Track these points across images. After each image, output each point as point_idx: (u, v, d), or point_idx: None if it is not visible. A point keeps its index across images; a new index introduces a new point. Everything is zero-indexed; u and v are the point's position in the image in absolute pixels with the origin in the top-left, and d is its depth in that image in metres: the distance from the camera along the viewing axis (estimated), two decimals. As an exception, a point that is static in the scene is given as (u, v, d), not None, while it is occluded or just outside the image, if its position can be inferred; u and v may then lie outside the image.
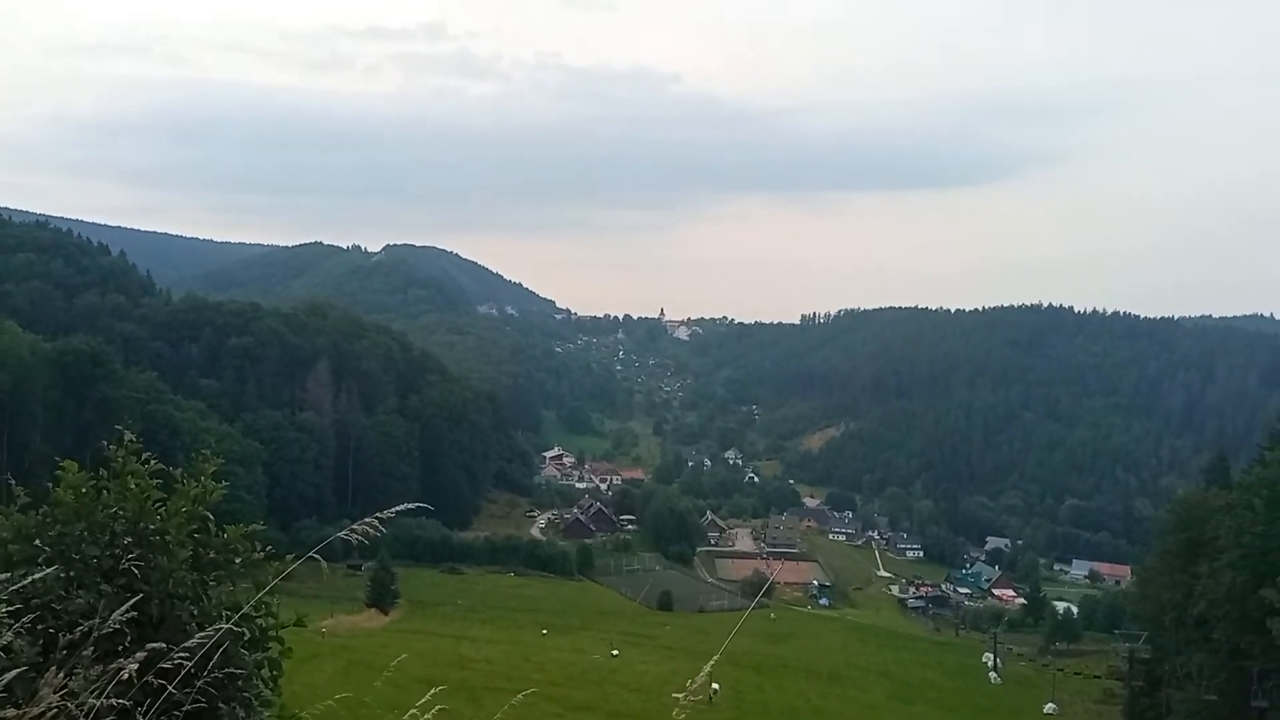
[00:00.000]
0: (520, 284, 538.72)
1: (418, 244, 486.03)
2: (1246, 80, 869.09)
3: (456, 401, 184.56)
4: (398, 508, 5.00)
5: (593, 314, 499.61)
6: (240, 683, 5.50)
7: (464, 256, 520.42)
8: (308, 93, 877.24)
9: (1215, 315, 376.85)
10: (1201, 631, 60.05)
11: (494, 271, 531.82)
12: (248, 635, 5.54)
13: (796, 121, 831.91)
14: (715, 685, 49.63)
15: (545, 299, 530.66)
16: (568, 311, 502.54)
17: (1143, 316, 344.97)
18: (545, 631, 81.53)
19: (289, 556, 5.70)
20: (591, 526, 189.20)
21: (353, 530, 4.88)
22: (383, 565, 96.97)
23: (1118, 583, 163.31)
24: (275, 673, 5.71)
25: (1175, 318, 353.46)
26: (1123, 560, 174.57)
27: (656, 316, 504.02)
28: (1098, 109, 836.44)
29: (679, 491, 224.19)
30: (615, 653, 67.81)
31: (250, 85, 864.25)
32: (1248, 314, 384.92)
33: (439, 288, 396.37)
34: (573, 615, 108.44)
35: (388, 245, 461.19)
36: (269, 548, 5.72)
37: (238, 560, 5.68)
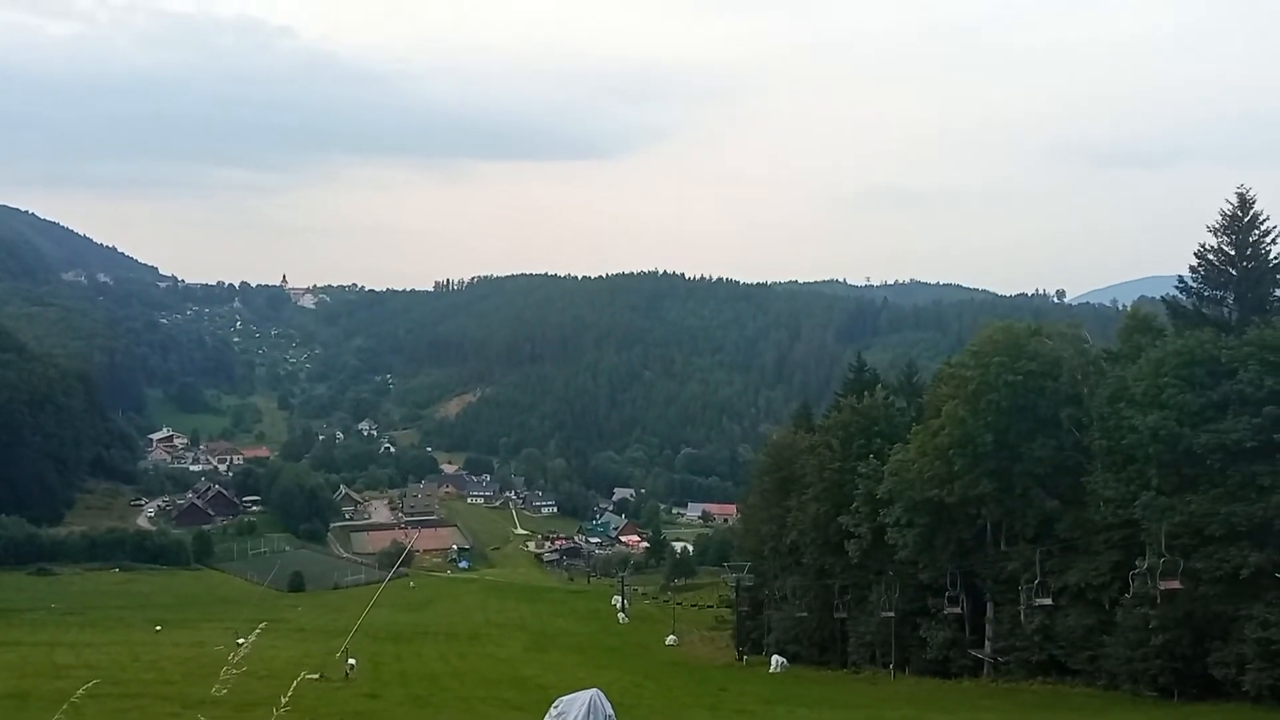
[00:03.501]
0: (114, 248, 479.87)
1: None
2: (828, 76, 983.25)
3: (38, 382, 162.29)
4: None
5: (204, 281, 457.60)
6: None
7: (42, 217, 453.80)
8: None
9: (800, 280, 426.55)
10: (794, 557, 68.22)
11: (81, 234, 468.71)
12: None
13: (423, 86, 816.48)
14: (352, 661, 48.33)
15: (146, 265, 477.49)
16: (173, 278, 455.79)
17: (741, 282, 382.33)
18: (159, 628, 74.64)
19: None
20: (210, 511, 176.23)
21: None
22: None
23: (726, 521, 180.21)
24: None
25: (768, 283, 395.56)
26: (730, 500, 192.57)
27: (279, 284, 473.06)
28: (703, 92, 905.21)
29: (309, 467, 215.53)
30: (241, 641, 63.75)
31: None
32: (827, 279, 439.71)
33: (10, 251, 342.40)
34: (190, 608, 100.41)
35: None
36: None
37: None
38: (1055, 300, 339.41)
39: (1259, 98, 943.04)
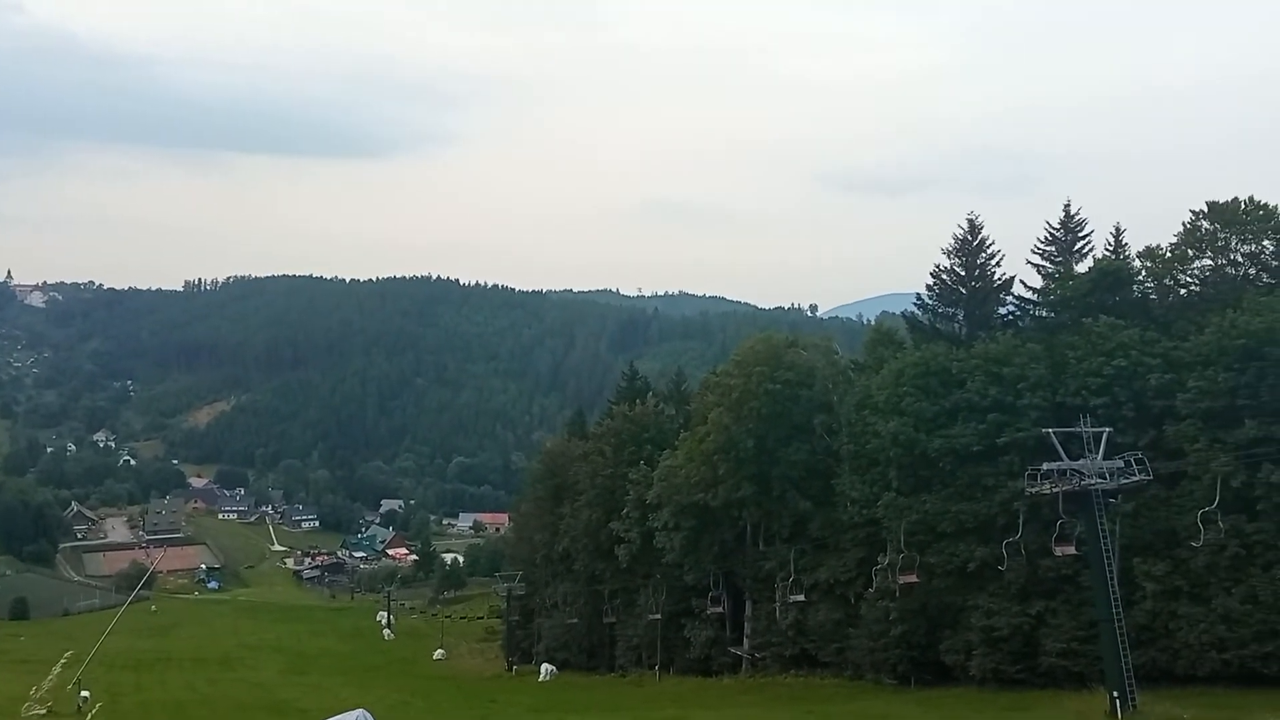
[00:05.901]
0: None
1: None
2: (600, 90, 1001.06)
3: None
4: None
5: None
6: None
7: None
8: None
9: (575, 289, 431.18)
10: (565, 564, 68.68)
11: None
12: None
13: (173, 73, 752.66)
14: (85, 693, 44.18)
15: None
16: None
17: (517, 289, 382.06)
18: None
19: None
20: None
21: None
22: None
23: (498, 530, 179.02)
24: None
25: (544, 291, 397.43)
26: (503, 509, 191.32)
27: (2, 280, 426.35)
28: (475, 99, 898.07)
29: (35, 482, 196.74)
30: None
31: None
32: (600, 289, 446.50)
33: None
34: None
35: None
36: None
37: None
38: (809, 314, 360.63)
39: (985, 136, 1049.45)
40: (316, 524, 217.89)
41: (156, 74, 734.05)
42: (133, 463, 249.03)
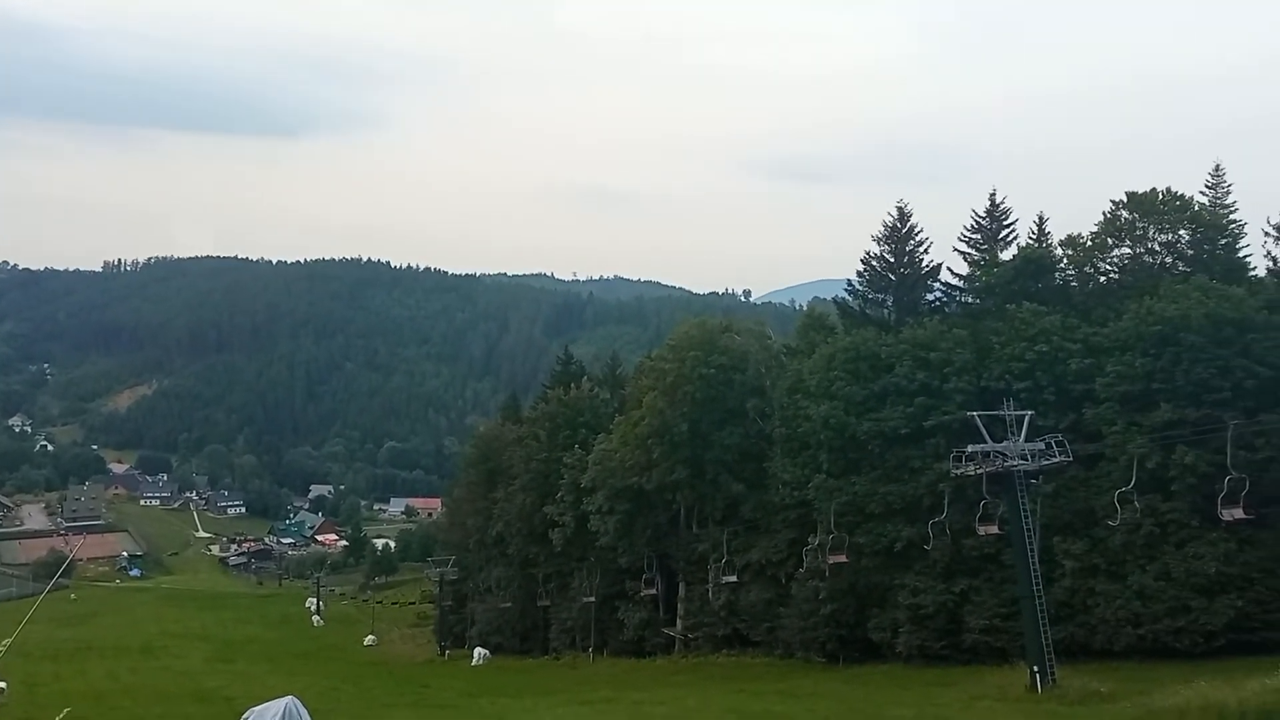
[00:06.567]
0: None
1: None
2: (540, 74, 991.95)
3: None
4: None
5: None
6: None
7: None
8: None
9: (509, 273, 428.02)
10: (499, 549, 68.56)
11: None
12: None
13: (90, 46, 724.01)
14: (1, 684, 42.92)
15: None
16: None
17: (450, 273, 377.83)
18: None
19: None
20: None
21: None
22: None
23: (430, 515, 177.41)
24: None
25: (477, 274, 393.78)
26: (435, 494, 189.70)
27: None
28: (408, 79, 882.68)
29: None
30: None
31: None
32: (535, 273, 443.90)
33: None
34: None
35: None
36: None
37: None
38: (743, 299, 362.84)
39: (916, 129, 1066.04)
40: (243, 510, 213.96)
41: (77, 46, 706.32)
42: (50, 448, 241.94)
